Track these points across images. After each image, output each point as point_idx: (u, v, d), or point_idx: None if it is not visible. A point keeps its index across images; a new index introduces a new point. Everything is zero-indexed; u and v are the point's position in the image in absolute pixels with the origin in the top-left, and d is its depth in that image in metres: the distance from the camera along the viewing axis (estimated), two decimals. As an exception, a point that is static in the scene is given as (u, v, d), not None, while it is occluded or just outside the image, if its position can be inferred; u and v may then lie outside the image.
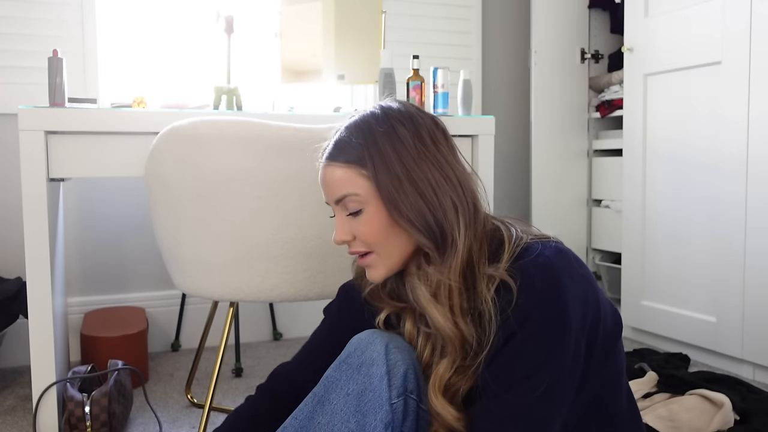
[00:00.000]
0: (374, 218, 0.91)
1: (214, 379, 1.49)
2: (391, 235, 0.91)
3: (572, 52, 2.88)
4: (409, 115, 0.93)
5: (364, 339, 0.94)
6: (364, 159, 0.90)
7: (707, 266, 2.20)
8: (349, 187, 0.91)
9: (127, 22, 2.40)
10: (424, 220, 0.88)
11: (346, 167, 0.91)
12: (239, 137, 1.37)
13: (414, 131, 0.91)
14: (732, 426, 1.57)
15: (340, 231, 0.94)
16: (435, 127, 0.94)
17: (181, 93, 2.44)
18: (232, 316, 1.50)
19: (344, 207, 0.93)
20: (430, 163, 0.90)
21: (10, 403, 1.91)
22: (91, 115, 1.58)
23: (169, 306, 2.46)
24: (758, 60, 2.01)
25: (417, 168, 0.89)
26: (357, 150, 0.91)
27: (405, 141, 0.90)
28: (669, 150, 2.34)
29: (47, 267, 1.57)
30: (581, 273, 0.86)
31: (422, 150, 0.90)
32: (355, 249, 0.94)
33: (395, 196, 0.88)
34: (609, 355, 0.90)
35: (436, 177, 0.89)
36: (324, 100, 2.59)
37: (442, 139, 0.94)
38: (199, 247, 1.44)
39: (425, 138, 0.91)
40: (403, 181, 0.88)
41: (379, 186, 0.89)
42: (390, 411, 0.88)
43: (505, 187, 2.98)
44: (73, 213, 2.33)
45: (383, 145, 0.90)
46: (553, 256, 0.84)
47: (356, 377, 0.91)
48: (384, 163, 0.89)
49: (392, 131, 0.90)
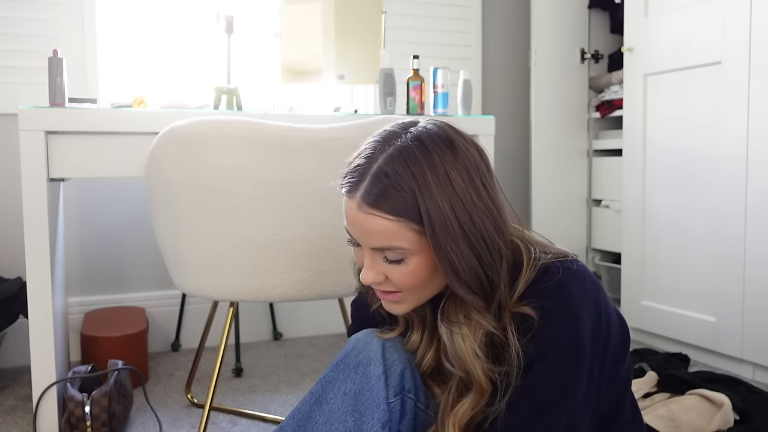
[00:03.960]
0: (418, 270, 0.83)
1: (214, 379, 1.49)
2: (430, 282, 0.86)
3: (572, 52, 2.88)
4: (460, 153, 0.82)
5: (361, 339, 0.94)
6: (418, 213, 0.79)
7: (707, 266, 2.20)
8: (396, 240, 0.81)
9: (127, 22, 2.40)
10: (477, 280, 0.82)
11: (396, 220, 0.80)
12: (239, 137, 1.37)
13: (468, 177, 0.81)
14: (732, 426, 1.58)
15: (372, 274, 0.85)
16: (480, 160, 0.85)
17: (181, 93, 2.44)
18: (232, 316, 1.50)
19: (381, 253, 0.84)
20: (483, 214, 0.82)
21: (10, 403, 1.91)
22: (91, 115, 1.58)
23: (169, 306, 2.46)
24: (758, 60, 2.01)
25: (472, 224, 0.80)
26: (409, 200, 0.79)
27: (459, 191, 0.80)
28: (669, 150, 2.34)
29: (47, 267, 1.57)
30: (595, 297, 0.84)
31: (476, 200, 0.81)
32: (386, 289, 0.87)
33: (451, 256, 0.80)
34: (615, 371, 0.90)
35: (489, 231, 0.82)
36: (324, 100, 2.60)
37: (488, 176, 0.85)
38: (199, 247, 1.44)
39: (477, 183, 0.82)
40: (459, 241, 0.80)
41: (435, 246, 0.80)
42: (387, 410, 0.88)
43: (505, 187, 2.95)
44: (73, 213, 2.33)
45: (440, 199, 0.79)
46: (570, 283, 0.82)
47: (353, 377, 0.91)
48: (442, 221, 0.79)
49: (447, 180, 0.80)
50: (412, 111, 1.92)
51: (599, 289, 0.86)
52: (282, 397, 1.95)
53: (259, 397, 1.96)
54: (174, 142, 1.42)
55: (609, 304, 0.87)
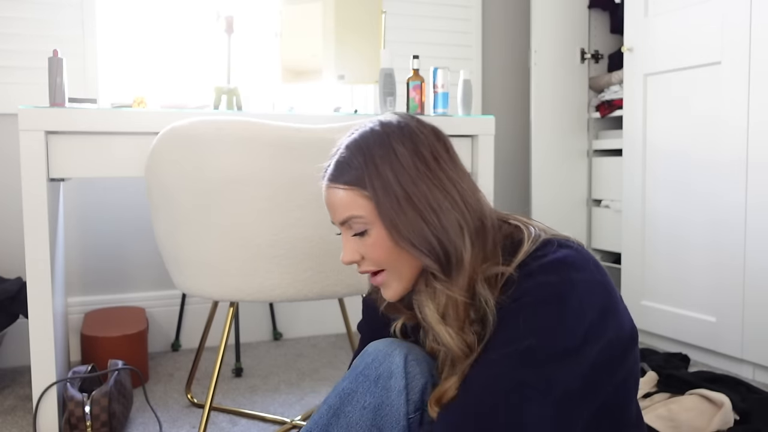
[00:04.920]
0: (380, 239, 0.88)
1: (214, 379, 1.49)
2: (399, 254, 0.89)
3: (572, 52, 2.88)
4: (409, 132, 0.90)
5: (382, 350, 0.92)
6: (364, 181, 0.87)
7: (707, 266, 2.20)
8: (352, 209, 0.89)
9: (127, 22, 2.40)
10: (426, 243, 0.86)
11: (348, 189, 0.89)
12: (239, 137, 1.37)
13: (413, 149, 0.88)
14: (732, 426, 1.58)
15: (347, 251, 0.92)
16: (436, 141, 0.91)
17: (181, 93, 2.44)
18: (232, 316, 1.50)
19: (349, 228, 0.91)
20: (430, 182, 0.87)
21: (10, 403, 1.91)
22: (91, 115, 1.58)
23: (169, 306, 2.46)
24: (758, 60, 2.01)
25: (417, 189, 0.86)
26: (357, 171, 0.88)
27: (404, 161, 0.87)
28: (669, 150, 2.34)
29: (47, 267, 1.57)
30: (597, 278, 0.84)
31: (422, 169, 0.87)
32: (365, 268, 0.92)
33: (396, 220, 0.86)
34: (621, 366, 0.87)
35: (437, 197, 0.87)
36: (324, 100, 2.59)
37: (444, 153, 0.91)
38: (199, 247, 1.44)
39: (425, 155, 0.89)
40: (402, 204, 0.86)
41: (380, 209, 0.87)
42: (407, 426, 0.87)
43: (505, 187, 2.98)
44: (73, 213, 2.33)
45: (382, 166, 0.87)
46: (570, 254, 0.84)
47: (373, 390, 0.89)
48: (383, 186, 0.86)
49: (391, 151, 0.88)
50: (412, 111, 1.92)
51: (604, 273, 0.86)
52: (282, 397, 1.95)
53: (259, 397, 1.96)
54: (174, 142, 1.42)
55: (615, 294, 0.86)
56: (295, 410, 1.86)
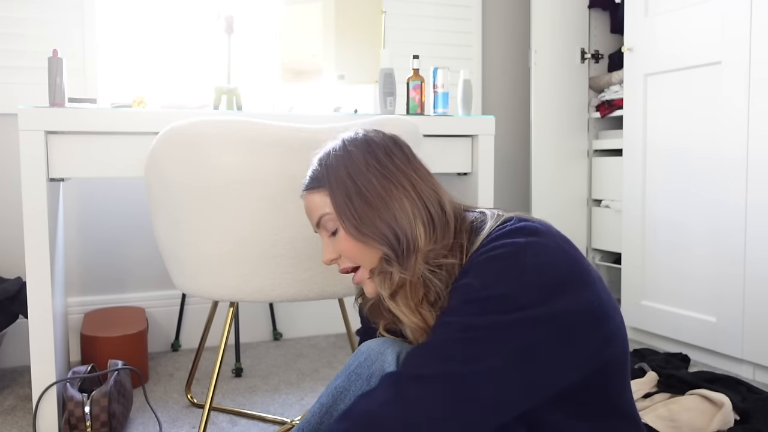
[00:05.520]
0: (345, 234, 0.95)
1: (214, 379, 1.49)
2: (364, 248, 0.95)
3: (572, 52, 2.88)
4: (365, 139, 0.99)
5: (374, 348, 0.93)
6: (324, 182, 0.97)
7: (707, 266, 2.20)
8: (320, 208, 0.97)
9: (127, 22, 2.40)
10: (376, 229, 0.92)
11: (316, 192, 0.98)
12: (239, 137, 1.37)
13: (366, 149, 0.97)
14: (732, 426, 1.58)
15: (325, 251, 1.00)
16: (392, 144, 0.99)
17: (181, 93, 2.44)
18: (232, 316, 1.50)
19: (324, 228, 0.99)
20: (380, 174, 0.95)
21: (10, 403, 1.91)
22: (91, 115, 1.58)
23: (169, 306, 2.46)
24: (758, 60, 2.01)
25: (366, 181, 0.94)
26: (321, 175, 0.98)
27: (356, 159, 0.96)
28: (669, 150, 2.34)
29: (47, 267, 1.57)
30: (562, 246, 0.85)
31: (373, 164, 0.95)
32: (343, 266, 0.99)
33: (346, 211, 0.94)
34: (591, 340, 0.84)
35: (386, 186, 0.94)
36: (324, 100, 2.59)
37: (398, 152, 0.98)
38: (199, 247, 1.44)
39: (377, 154, 0.97)
40: (352, 196, 0.93)
41: (335, 204, 0.95)
42: None
43: (505, 187, 2.98)
44: (73, 213, 2.33)
45: (337, 166, 0.96)
46: (530, 224, 0.87)
47: (366, 388, 0.90)
48: (337, 182, 0.95)
49: (346, 153, 0.97)
50: (412, 111, 1.92)
51: (571, 245, 0.89)
52: (282, 397, 1.95)
53: (259, 397, 1.96)
54: (174, 142, 1.42)
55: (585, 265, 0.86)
56: (295, 410, 1.86)
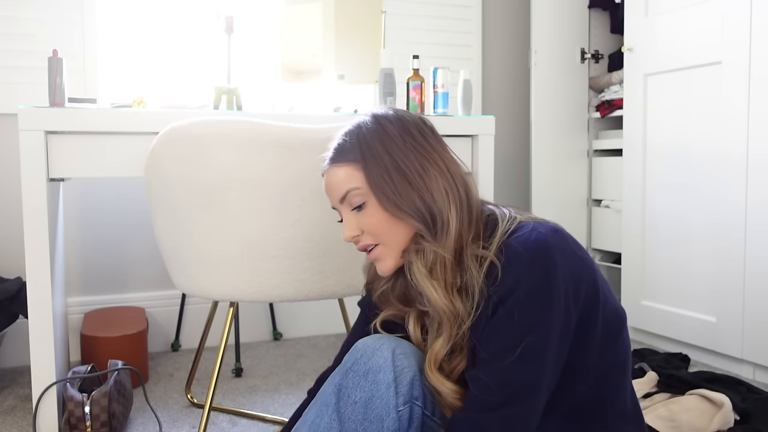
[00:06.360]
0: (375, 209, 0.95)
1: (214, 379, 1.49)
2: (394, 223, 0.95)
3: (572, 52, 2.88)
4: (397, 115, 0.99)
5: (370, 345, 0.94)
6: (358, 155, 0.96)
7: (707, 266, 2.20)
8: (349, 182, 0.96)
9: (126, 22, 2.40)
10: (413, 205, 0.93)
11: (345, 165, 0.97)
12: (239, 137, 1.37)
13: (401, 126, 0.97)
14: (732, 426, 1.57)
15: (348, 227, 0.99)
16: (423, 124, 1.00)
17: (181, 93, 2.44)
18: (232, 316, 1.50)
19: (348, 203, 0.98)
20: (416, 152, 0.95)
21: (10, 403, 1.91)
22: (91, 115, 1.58)
23: (169, 306, 2.46)
24: (758, 60, 2.01)
25: (404, 157, 0.94)
26: (351, 148, 0.97)
27: (392, 135, 0.96)
28: (669, 150, 2.34)
29: (47, 267, 1.57)
30: (578, 254, 0.88)
31: (409, 141, 0.96)
32: (364, 243, 0.98)
33: (384, 186, 0.94)
34: (609, 344, 0.91)
35: (423, 164, 0.95)
36: (324, 100, 2.59)
37: (430, 133, 1.00)
38: (199, 247, 1.44)
39: (412, 131, 0.97)
40: (391, 171, 0.94)
41: (370, 178, 0.95)
42: (396, 419, 0.89)
43: (505, 187, 2.98)
44: (73, 213, 2.33)
45: (372, 140, 0.96)
46: (547, 233, 0.87)
47: (363, 384, 0.91)
48: (373, 156, 0.95)
49: (380, 128, 0.97)
50: (412, 111, 1.92)
51: (583, 250, 0.90)
52: (282, 397, 1.95)
53: (259, 397, 1.96)
54: (174, 142, 1.42)
55: (596, 269, 0.90)
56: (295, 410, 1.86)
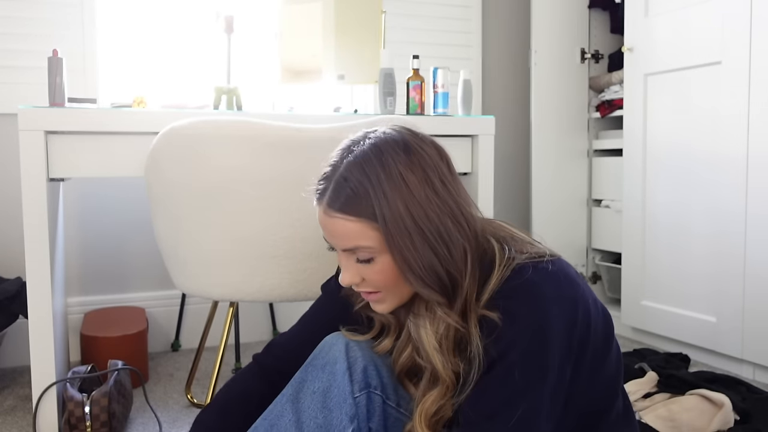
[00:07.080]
0: (387, 268, 0.87)
1: (214, 379, 1.49)
2: (403, 281, 0.89)
3: (572, 52, 2.88)
4: (420, 161, 0.86)
5: (328, 341, 0.99)
6: (375, 213, 0.84)
7: (707, 266, 2.20)
8: (360, 240, 0.86)
9: (126, 22, 2.40)
10: (435, 276, 0.86)
11: (357, 221, 0.85)
12: (239, 137, 1.37)
13: (423, 176, 0.85)
14: (732, 426, 1.58)
15: (349, 275, 0.90)
16: (440, 161, 0.89)
17: (181, 93, 2.44)
18: (232, 316, 1.50)
19: (353, 254, 0.89)
20: (440, 210, 0.85)
21: (10, 403, 1.91)
22: (91, 115, 1.58)
23: (169, 306, 2.46)
24: (758, 60, 2.01)
25: (427, 220, 0.84)
26: (365, 201, 0.84)
27: (415, 191, 0.84)
28: (669, 150, 2.34)
29: (47, 267, 1.57)
30: (570, 294, 0.84)
31: (432, 198, 0.85)
32: (365, 290, 0.92)
33: (407, 254, 0.85)
34: (599, 366, 0.90)
35: (447, 225, 0.85)
36: (324, 100, 2.60)
37: (448, 174, 0.89)
38: (199, 247, 1.44)
39: (433, 180, 0.86)
40: (414, 238, 0.84)
41: (391, 243, 0.84)
42: (354, 404, 0.93)
43: (505, 187, 2.98)
44: (73, 213, 2.33)
45: (392, 197, 0.84)
46: (542, 281, 0.83)
47: (321, 376, 0.95)
48: (394, 219, 0.83)
49: (400, 179, 0.84)
50: (412, 111, 1.92)
51: (576, 286, 0.86)
52: (282, 397, 1.95)
53: (259, 397, 1.95)
54: (174, 142, 1.42)
55: (589, 301, 0.87)
56: (295, 410, 1.85)
